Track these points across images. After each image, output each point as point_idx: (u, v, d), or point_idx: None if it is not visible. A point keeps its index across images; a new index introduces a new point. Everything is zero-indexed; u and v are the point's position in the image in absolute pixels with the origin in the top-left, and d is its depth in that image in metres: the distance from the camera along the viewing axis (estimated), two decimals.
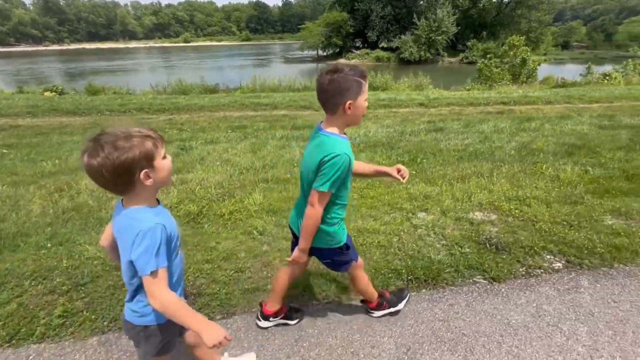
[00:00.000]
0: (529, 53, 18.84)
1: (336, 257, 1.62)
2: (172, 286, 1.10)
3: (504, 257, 2.39)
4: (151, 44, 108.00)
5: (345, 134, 1.46)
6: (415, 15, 39.50)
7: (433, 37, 38.68)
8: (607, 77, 15.82)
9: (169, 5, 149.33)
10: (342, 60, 42.58)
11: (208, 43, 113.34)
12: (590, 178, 3.69)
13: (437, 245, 2.53)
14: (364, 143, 5.14)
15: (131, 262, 1.00)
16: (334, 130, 1.41)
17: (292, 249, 1.64)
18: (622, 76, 17.46)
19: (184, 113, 7.68)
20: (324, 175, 1.36)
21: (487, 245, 2.49)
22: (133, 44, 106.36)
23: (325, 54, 45.38)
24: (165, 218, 1.09)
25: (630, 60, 17.93)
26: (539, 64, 18.76)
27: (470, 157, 4.49)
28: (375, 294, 1.85)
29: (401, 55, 38.87)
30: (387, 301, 1.89)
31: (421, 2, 41.94)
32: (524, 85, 16.83)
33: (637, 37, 40.74)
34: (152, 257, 0.98)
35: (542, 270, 2.28)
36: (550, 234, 2.65)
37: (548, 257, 2.41)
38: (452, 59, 41.16)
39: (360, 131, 5.86)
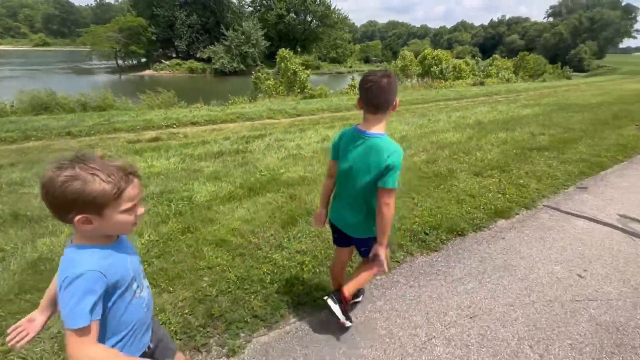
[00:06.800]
0: (299, 66, 20.04)
1: (372, 244, 1.71)
2: (125, 338, 0.98)
3: None
4: None
5: None
6: (223, 27, 38.58)
7: (245, 49, 38.69)
8: (353, 88, 18.06)
9: None
10: (148, 72, 37.52)
11: None
12: None
13: None
14: None
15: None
16: (380, 130, 1.52)
17: (337, 243, 1.88)
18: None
19: None
20: (392, 173, 1.46)
21: None
22: None
23: (127, 63, 38.96)
24: (117, 260, 0.93)
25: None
26: (308, 76, 20.11)
27: None
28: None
29: (214, 66, 37.21)
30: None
31: (228, 14, 41.39)
32: (296, 96, 17.54)
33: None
34: (77, 309, 0.83)
35: None
36: None
37: None
38: (270, 70, 42.42)
39: None
